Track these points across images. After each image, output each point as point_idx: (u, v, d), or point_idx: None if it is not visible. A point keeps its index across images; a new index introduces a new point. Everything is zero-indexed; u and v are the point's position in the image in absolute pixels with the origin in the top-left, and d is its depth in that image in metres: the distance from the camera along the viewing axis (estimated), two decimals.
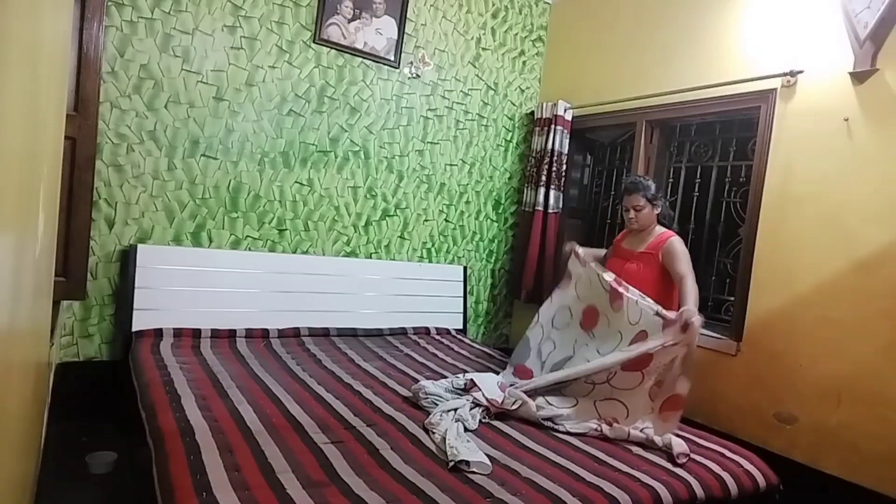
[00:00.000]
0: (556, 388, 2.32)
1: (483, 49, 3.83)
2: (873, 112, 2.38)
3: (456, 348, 3.31)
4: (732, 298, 2.95)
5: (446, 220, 3.81)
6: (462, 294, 3.81)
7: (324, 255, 3.34)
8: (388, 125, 3.49)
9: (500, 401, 2.20)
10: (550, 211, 3.77)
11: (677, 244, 2.52)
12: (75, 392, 2.60)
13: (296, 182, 3.20)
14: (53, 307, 2.02)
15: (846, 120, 2.45)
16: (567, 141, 3.77)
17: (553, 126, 3.73)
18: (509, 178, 4.07)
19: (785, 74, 2.64)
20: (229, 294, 2.97)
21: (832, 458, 2.42)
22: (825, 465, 2.43)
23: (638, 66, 3.42)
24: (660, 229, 2.64)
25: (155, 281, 2.76)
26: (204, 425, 1.76)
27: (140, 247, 2.74)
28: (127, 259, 2.76)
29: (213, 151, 2.94)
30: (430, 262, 3.77)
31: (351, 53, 3.29)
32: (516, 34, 3.98)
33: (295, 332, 3.10)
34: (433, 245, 3.78)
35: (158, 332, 2.71)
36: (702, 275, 3.29)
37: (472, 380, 2.34)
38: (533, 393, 2.29)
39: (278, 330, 3.05)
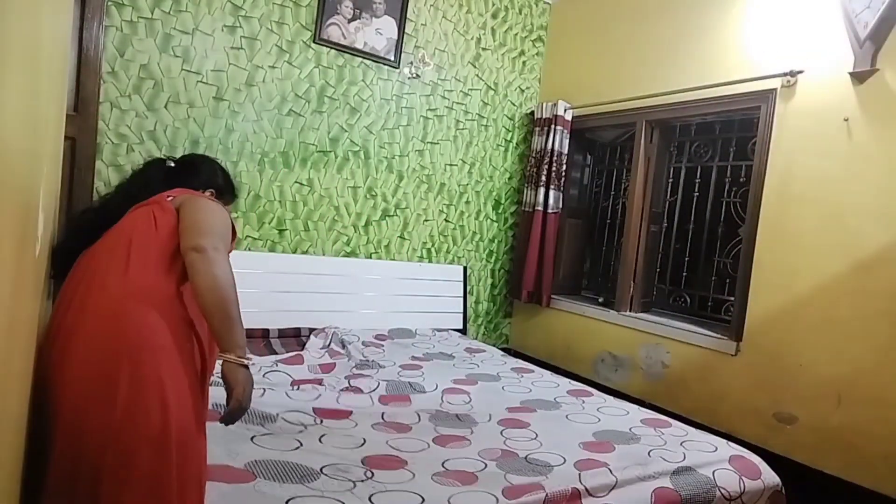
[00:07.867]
0: None
1: (483, 49, 3.83)
2: (873, 112, 2.38)
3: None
4: (732, 298, 2.95)
5: (446, 220, 3.81)
6: (462, 294, 3.81)
7: (324, 255, 3.34)
8: (388, 125, 3.49)
9: None
10: (550, 211, 3.77)
11: None
12: None
13: (296, 182, 3.20)
14: None
15: (846, 120, 2.45)
16: (567, 141, 3.77)
17: (553, 126, 3.73)
18: (509, 178, 4.07)
19: (785, 74, 2.64)
20: None
21: (832, 459, 2.42)
22: (825, 465, 2.43)
23: (638, 66, 3.42)
24: None
25: None
26: None
27: None
28: None
29: (213, 151, 2.94)
30: (430, 262, 3.77)
31: (351, 53, 3.29)
32: (516, 34, 3.98)
33: (295, 332, 3.10)
34: (433, 245, 3.78)
35: None
36: (702, 275, 3.30)
37: None
38: None
39: (278, 330, 3.05)
